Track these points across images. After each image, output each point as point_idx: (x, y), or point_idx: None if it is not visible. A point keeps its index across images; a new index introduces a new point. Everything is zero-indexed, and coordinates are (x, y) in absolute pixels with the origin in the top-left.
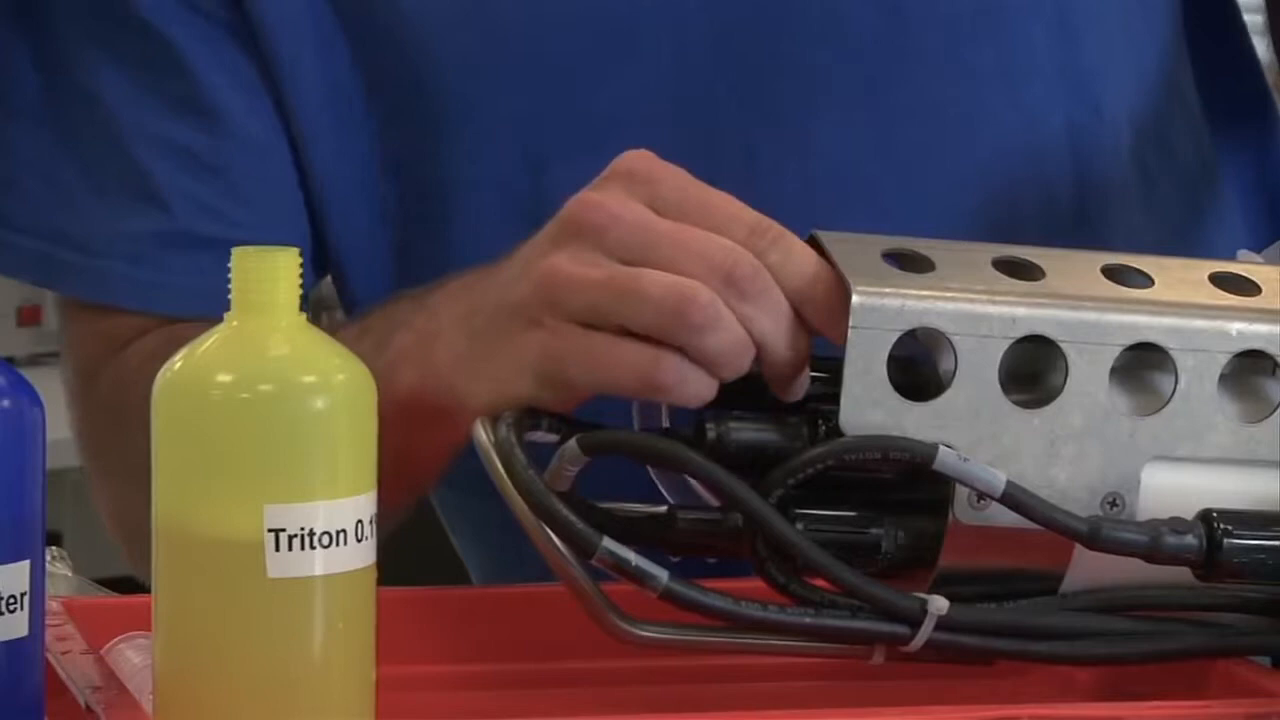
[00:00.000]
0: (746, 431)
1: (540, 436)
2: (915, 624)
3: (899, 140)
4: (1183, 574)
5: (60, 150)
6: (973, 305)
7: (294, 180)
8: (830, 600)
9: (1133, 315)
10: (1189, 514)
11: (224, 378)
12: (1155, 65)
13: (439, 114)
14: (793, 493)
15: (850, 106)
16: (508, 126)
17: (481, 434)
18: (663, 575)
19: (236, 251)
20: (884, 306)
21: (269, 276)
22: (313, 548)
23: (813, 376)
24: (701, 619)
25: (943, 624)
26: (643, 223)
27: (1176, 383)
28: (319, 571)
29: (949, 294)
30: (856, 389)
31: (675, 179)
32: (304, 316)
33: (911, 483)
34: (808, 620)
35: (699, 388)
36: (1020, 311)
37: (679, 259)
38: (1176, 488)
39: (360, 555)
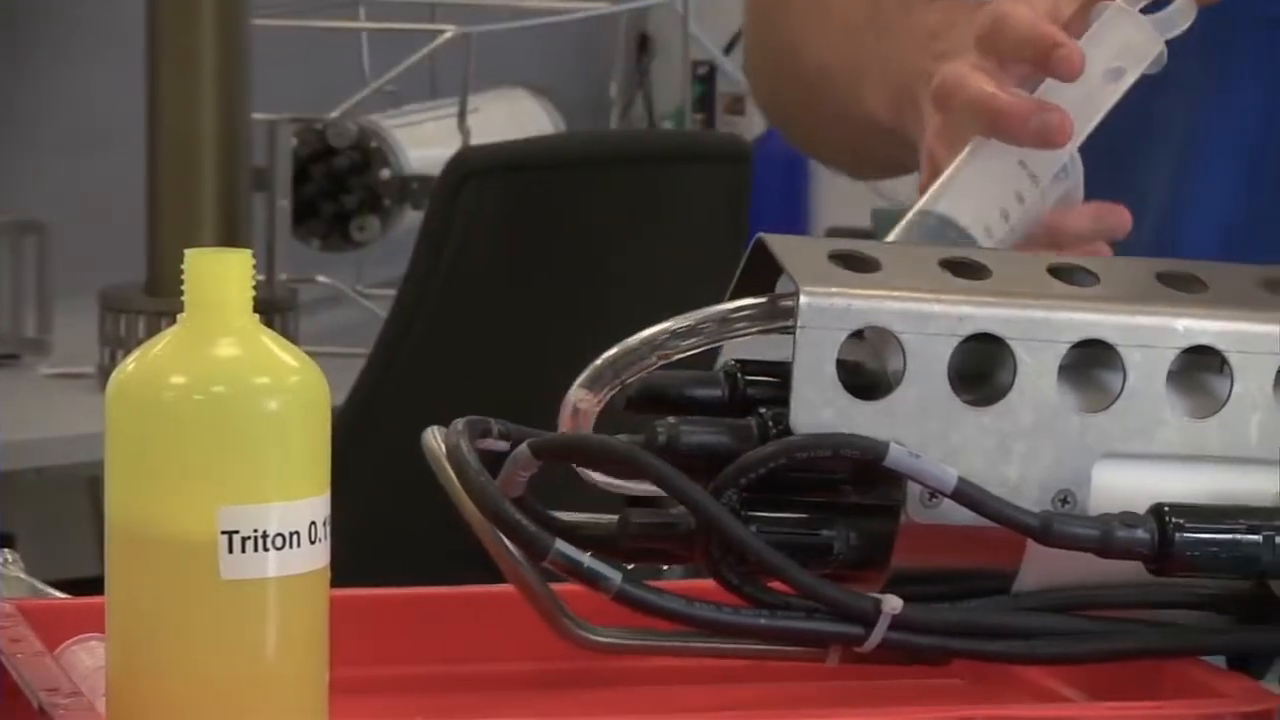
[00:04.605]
0: (698, 434)
1: (490, 444)
2: (869, 624)
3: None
4: (1136, 572)
5: None
6: (920, 304)
7: None
8: (784, 601)
9: (1080, 313)
10: (1140, 509)
11: (177, 379)
12: None
13: None
14: (746, 495)
15: None
16: None
17: (431, 441)
18: (616, 576)
19: (190, 253)
20: (832, 306)
21: (221, 277)
22: (266, 549)
23: (762, 380)
24: (656, 622)
25: (897, 623)
26: None
27: (1125, 379)
28: (272, 573)
29: (896, 293)
30: (806, 389)
31: None
32: (257, 318)
33: (864, 483)
34: (762, 622)
35: None
36: (968, 310)
37: None
38: (1127, 484)
39: (314, 557)
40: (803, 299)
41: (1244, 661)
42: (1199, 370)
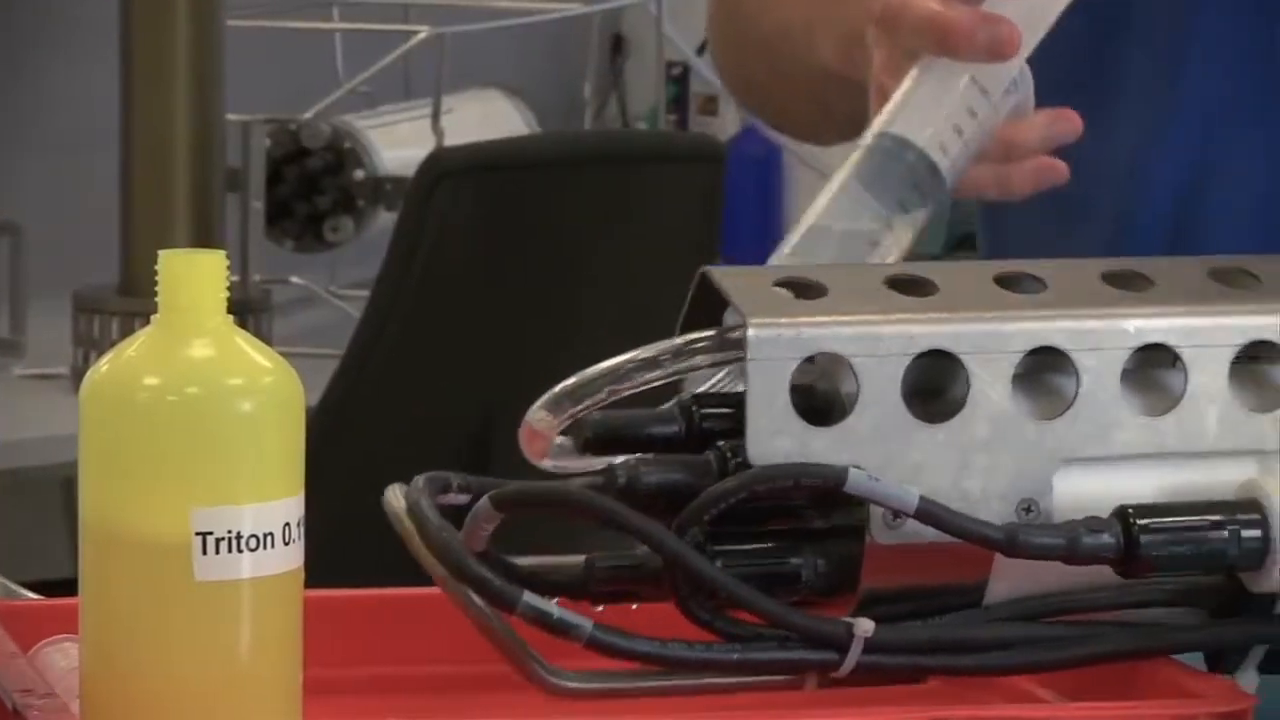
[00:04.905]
0: (656, 473)
1: (451, 498)
2: (843, 649)
3: None
4: (1105, 573)
5: None
6: (869, 326)
7: None
8: (756, 633)
9: (1029, 321)
10: (1104, 513)
11: (151, 380)
12: None
13: None
14: (711, 530)
15: None
16: None
17: (392, 501)
18: (586, 624)
19: (164, 254)
20: (780, 336)
21: (195, 278)
22: (240, 551)
23: (718, 413)
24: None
25: (870, 646)
26: None
27: (1079, 384)
28: (246, 574)
29: (845, 317)
30: (761, 420)
31: None
32: (230, 319)
33: (827, 508)
34: (734, 657)
35: None
36: (916, 328)
37: None
38: (1090, 488)
39: (287, 558)
40: (750, 331)
41: (1220, 655)
42: (1153, 368)
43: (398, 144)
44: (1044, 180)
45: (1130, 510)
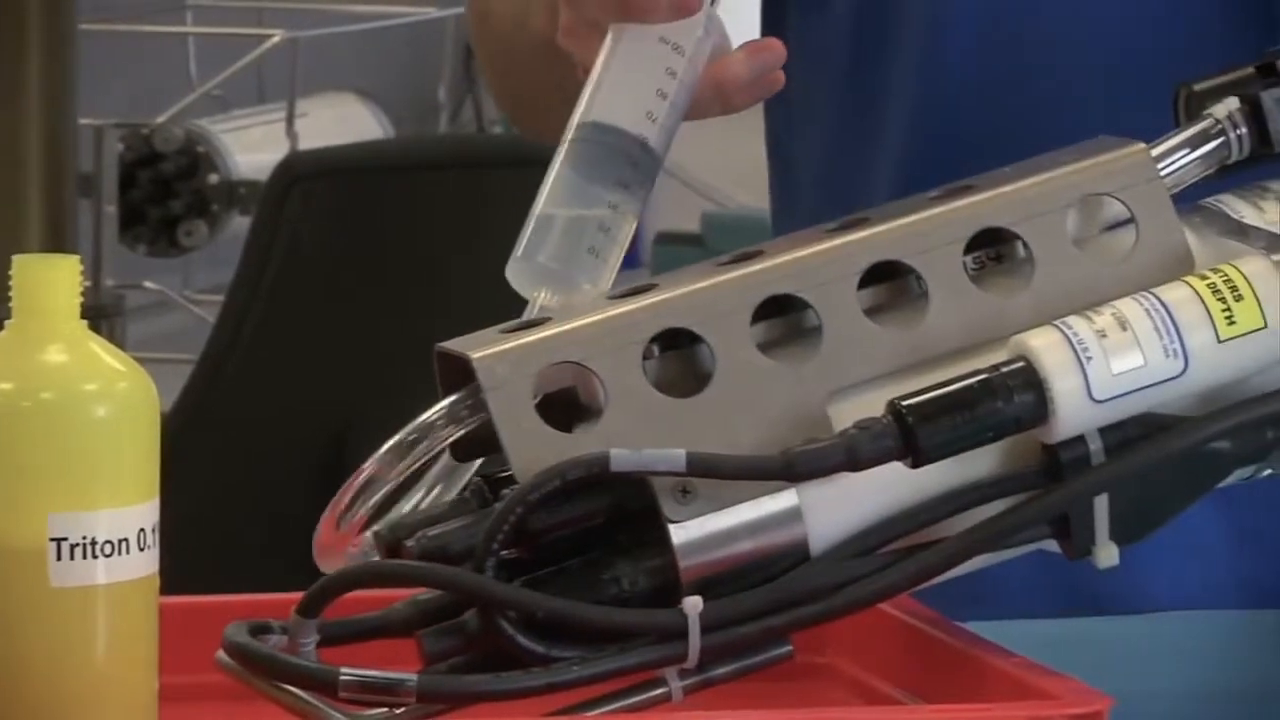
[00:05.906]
0: (445, 532)
1: (274, 640)
2: (681, 634)
3: None
4: (922, 489)
5: None
6: (593, 326)
7: None
8: (595, 652)
9: (751, 279)
10: None
11: (4, 385)
12: None
13: None
14: (527, 578)
15: None
16: None
17: (222, 656)
18: (411, 677)
19: (18, 259)
20: (507, 358)
21: (49, 284)
22: (95, 556)
23: (505, 475)
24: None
25: (710, 624)
26: None
27: (819, 318)
28: (101, 580)
29: (565, 327)
30: (517, 445)
31: None
32: (84, 324)
33: (628, 521)
34: (576, 669)
35: None
36: (639, 315)
37: None
38: (866, 411)
39: (143, 564)
40: (476, 365)
41: (1066, 527)
42: (893, 284)
43: (252, 148)
44: (763, 93)
45: (899, 402)
